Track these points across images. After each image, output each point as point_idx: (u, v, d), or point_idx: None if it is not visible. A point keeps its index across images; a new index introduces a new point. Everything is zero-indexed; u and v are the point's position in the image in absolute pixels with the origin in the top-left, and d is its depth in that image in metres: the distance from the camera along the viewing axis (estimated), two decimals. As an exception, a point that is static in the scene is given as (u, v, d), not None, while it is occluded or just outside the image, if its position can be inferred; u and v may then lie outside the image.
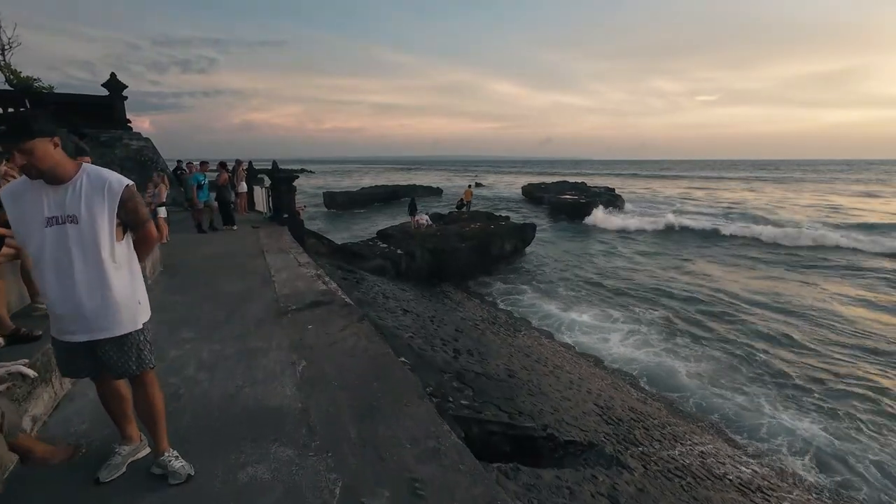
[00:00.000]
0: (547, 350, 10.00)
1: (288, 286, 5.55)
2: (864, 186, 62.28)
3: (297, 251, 7.93)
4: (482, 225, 19.98)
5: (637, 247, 22.93)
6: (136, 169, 14.17)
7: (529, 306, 14.42)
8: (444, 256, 16.04)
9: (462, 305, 12.43)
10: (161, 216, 8.64)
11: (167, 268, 6.57)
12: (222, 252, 7.86)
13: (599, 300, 15.18)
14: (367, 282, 10.88)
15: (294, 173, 11.34)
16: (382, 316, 7.87)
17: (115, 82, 13.60)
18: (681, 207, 38.06)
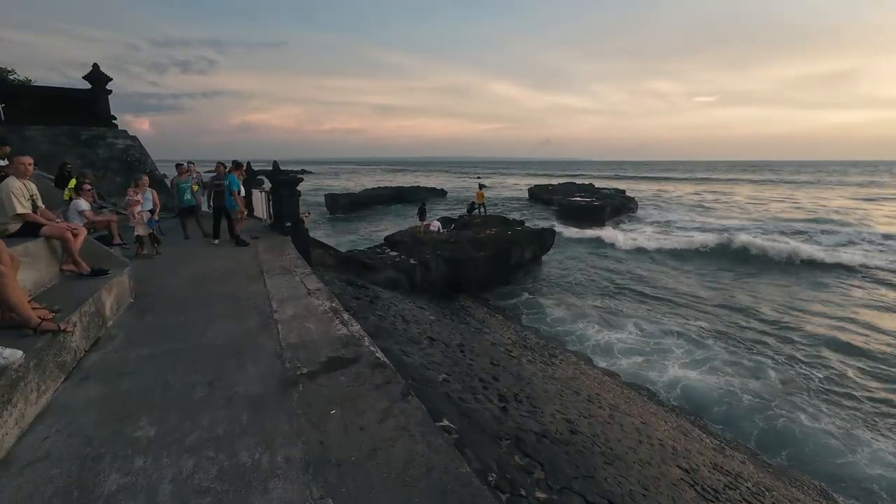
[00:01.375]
0: (592, 381, 8.62)
1: (296, 330, 4.14)
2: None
3: (304, 271, 6.52)
4: (497, 231, 18.58)
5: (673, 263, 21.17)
6: (122, 170, 12.77)
7: (557, 323, 13.07)
8: (461, 266, 14.65)
9: (487, 325, 11.03)
10: (154, 225, 7.34)
11: (139, 298, 5.16)
12: (212, 272, 6.46)
13: (635, 315, 13.80)
14: (381, 300, 9.48)
15: (298, 175, 9.94)
16: (408, 350, 6.46)
17: (97, 74, 12.21)
18: (711, 215, 35.64)
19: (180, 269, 6.63)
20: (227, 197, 8.46)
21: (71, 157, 11.99)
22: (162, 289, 5.58)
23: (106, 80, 12.37)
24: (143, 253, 7.32)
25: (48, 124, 11.74)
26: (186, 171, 9.43)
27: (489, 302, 14.34)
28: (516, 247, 16.49)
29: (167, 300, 5.12)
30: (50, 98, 11.85)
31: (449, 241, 17.31)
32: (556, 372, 8.53)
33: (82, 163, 12.16)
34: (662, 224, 30.93)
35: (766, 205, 42.75)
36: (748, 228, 27.21)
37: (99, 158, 12.39)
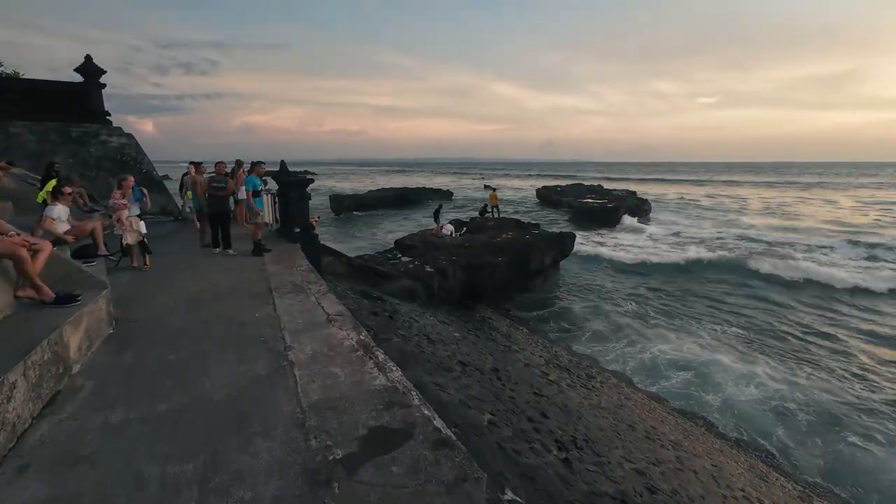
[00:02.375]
0: (641, 409, 7.61)
1: (319, 378, 3.16)
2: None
3: (320, 289, 5.53)
4: (514, 234, 17.58)
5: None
6: (117, 170, 11.81)
7: (587, 336, 12.07)
8: (479, 273, 13.64)
9: (514, 341, 10.03)
10: (143, 231, 6.35)
11: (121, 325, 4.19)
12: (212, 289, 5.47)
13: (670, 326, 12.79)
14: (401, 316, 8.48)
15: (308, 177, 8.97)
16: (441, 381, 5.47)
17: (90, 66, 11.27)
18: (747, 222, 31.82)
19: (174, 285, 5.65)
20: (255, 202, 7.63)
21: (61, 155, 11.05)
22: (150, 313, 4.60)
23: (99, 73, 11.43)
24: (131, 265, 6.34)
25: (36, 120, 10.81)
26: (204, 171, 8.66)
27: (510, 312, 13.35)
28: (536, 252, 15.46)
29: (155, 329, 4.13)
30: (38, 92, 10.91)
31: (463, 246, 16.32)
32: (601, 399, 7.53)
33: (73, 162, 11.23)
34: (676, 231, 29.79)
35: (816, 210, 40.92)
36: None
37: (91, 157, 11.45)
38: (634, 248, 22.56)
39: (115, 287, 5.43)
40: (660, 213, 36.31)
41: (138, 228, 6.28)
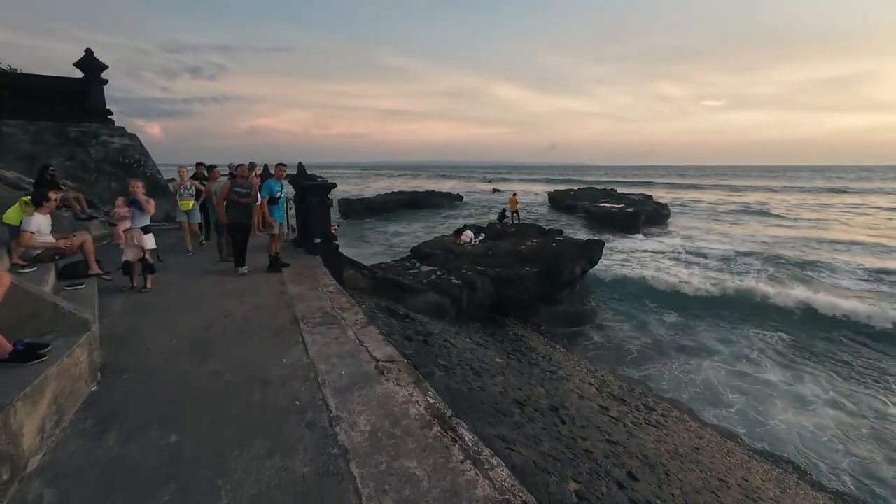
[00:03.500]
0: (721, 454, 6.53)
1: (391, 488, 2.11)
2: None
3: (356, 318, 4.50)
4: (538, 242, 16.52)
5: None
6: (118, 174, 10.90)
7: (627, 355, 10.97)
8: (509, 286, 12.58)
9: (557, 365, 8.94)
10: (150, 247, 5.36)
11: (107, 377, 3.17)
12: (223, 320, 4.45)
13: (721, 340, 11.67)
14: (435, 339, 7.43)
15: (329, 181, 7.96)
16: (507, 435, 4.41)
17: (90, 61, 10.37)
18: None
19: (177, 313, 4.63)
20: (272, 210, 6.60)
21: (57, 157, 10.14)
22: (146, 358, 3.57)
23: (100, 69, 10.52)
24: (130, 286, 5.34)
25: (31, 119, 9.90)
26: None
27: (542, 328, 12.26)
28: (566, 261, 14.36)
29: (151, 388, 3.10)
30: (33, 89, 10.01)
31: (486, 255, 15.29)
32: (674, 439, 6.44)
33: (71, 164, 10.31)
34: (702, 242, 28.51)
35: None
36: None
37: (91, 159, 10.52)
38: (658, 260, 21.39)
39: (106, 315, 4.45)
40: (678, 218, 35.06)
41: (140, 243, 5.27)
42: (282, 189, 6.75)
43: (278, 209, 6.65)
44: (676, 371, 10.28)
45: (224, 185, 6.08)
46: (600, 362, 10.36)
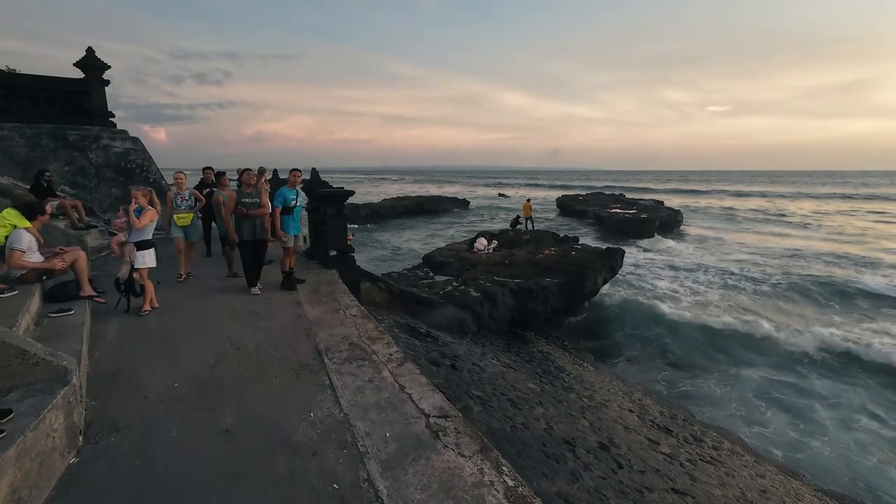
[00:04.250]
0: (790, 496, 5.75)
1: None
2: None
3: (390, 352, 3.82)
4: (556, 250, 15.82)
5: None
6: (120, 180, 10.30)
7: (658, 373, 10.25)
8: (530, 298, 11.88)
9: (590, 387, 8.21)
10: (142, 266, 4.64)
11: (93, 435, 2.51)
12: (233, 353, 3.79)
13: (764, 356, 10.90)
14: (462, 363, 6.74)
15: (345, 189, 7.32)
16: (567, 492, 3.71)
17: (91, 60, 9.80)
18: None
19: (178, 344, 3.96)
20: (286, 221, 5.88)
21: (55, 162, 9.57)
22: (142, 412, 2.90)
23: (102, 69, 9.96)
24: (127, 308, 4.68)
25: (28, 121, 9.34)
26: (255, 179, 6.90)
27: (565, 343, 11.53)
28: (590, 272, 13.65)
29: (145, 459, 2.42)
30: (30, 89, 9.44)
31: (503, 264, 14.62)
32: (736, 479, 5.72)
33: (70, 170, 9.72)
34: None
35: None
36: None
37: (91, 164, 9.93)
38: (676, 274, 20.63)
39: (98, 347, 3.79)
40: (693, 224, 34.26)
41: (132, 260, 4.61)
42: (297, 197, 6.09)
43: (293, 220, 5.98)
44: (712, 385, 9.58)
45: (230, 196, 5.41)
46: (630, 380, 9.64)
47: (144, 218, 4.52)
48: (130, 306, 4.64)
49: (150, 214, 4.55)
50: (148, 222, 4.55)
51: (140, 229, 4.61)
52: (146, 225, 4.53)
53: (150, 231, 4.76)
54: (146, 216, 4.54)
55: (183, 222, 6.26)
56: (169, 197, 6.43)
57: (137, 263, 4.53)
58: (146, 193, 4.63)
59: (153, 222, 4.63)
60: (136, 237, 4.60)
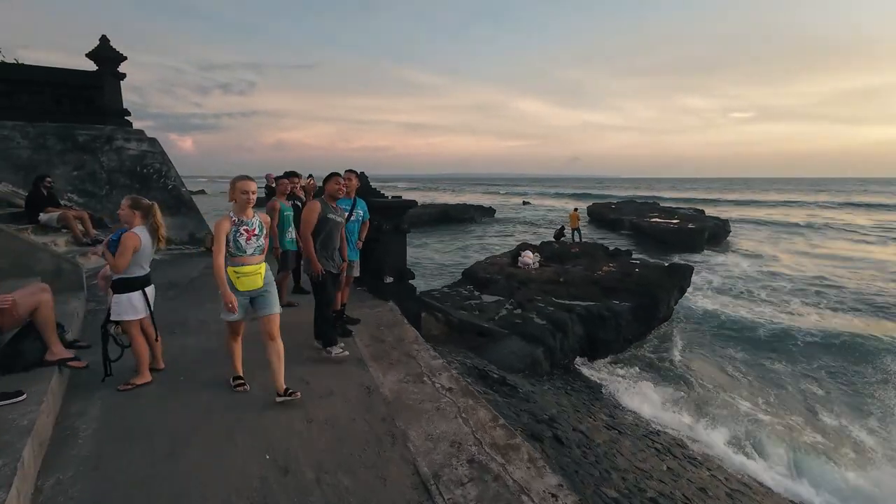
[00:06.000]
0: None
1: None
2: None
3: (548, 488, 2.17)
4: (616, 266, 14.00)
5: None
6: (135, 187, 9.00)
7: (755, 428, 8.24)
8: (602, 325, 10.11)
9: (696, 462, 6.37)
10: (118, 318, 3.03)
11: None
12: (277, 488, 2.19)
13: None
14: (565, 428, 5.04)
15: (404, 199, 5.78)
16: None
17: (105, 51, 8.57)
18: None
19: (190, 462, 2.39)
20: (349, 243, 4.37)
21: (62, 166, 8.31)
22: None
23: (117, 60, 8.71)
24: (106, 374, 3.14)
25: (31, 119, 8.12)
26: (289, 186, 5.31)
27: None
28: (662, 292, 11.81)
29: None
30: (35, 83, 8.23)
31: (557, 281, 12.90)
32: None
33: (78, 175, 8.47)
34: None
35: None
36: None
37: (103, 169, 8.66)
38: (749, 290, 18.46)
39: (55, 469, 2.24)
40: (741, 237, 31.71)
41: (111, 303, 3.05)
42: (353, 209, 4.53)
43: (350, 240, 4.43)
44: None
45: (312, 208, 3.68)
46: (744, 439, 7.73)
47: (122, 256, 2.89)
48: (113, 371, 3.10)
49: (131, 241, 3.01)
50: (126, 257, 2.91)
51: (142, 255, 3.08)
52: (124, 257, 2.92)
53: (137, 263, 3.06)
54: (125, 245, 2.90)
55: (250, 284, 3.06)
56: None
57: (114, 313, 3.00)
58: (137, 204, 3.10)
59: (140, 251, 3.01)
60: (135, 271, 3.07)
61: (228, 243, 2.83)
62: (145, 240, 3.00)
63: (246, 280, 2.89)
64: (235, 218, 2.87)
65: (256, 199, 3.09)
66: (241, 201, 2.88)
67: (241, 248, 2.86)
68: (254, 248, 2.90)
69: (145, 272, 3.08)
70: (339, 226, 3.84)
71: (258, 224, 2.95)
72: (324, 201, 3.74)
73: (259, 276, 2.94)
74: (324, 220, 3.63)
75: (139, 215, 3.04)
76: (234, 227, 2.84)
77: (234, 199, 2.89)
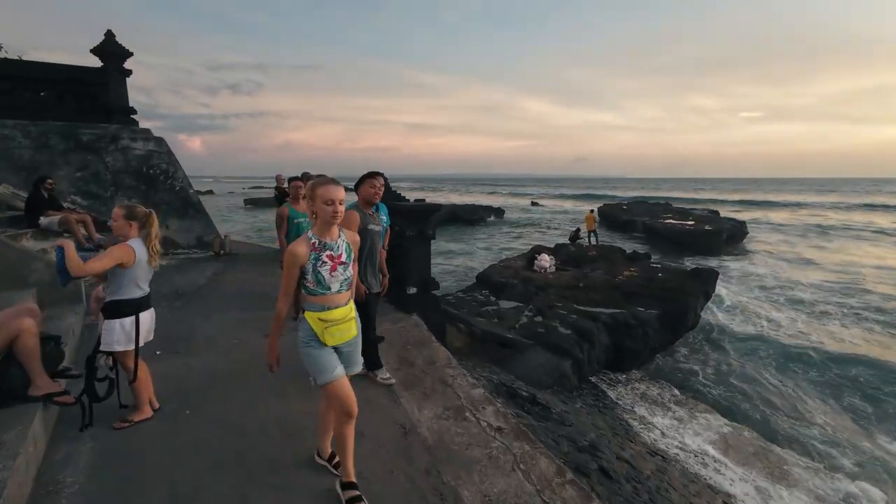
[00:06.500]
0: None
1: None
2: None
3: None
4: (637, 270, 13.44)
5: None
6: (141, 188, 8.63)
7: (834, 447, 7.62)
8: (628, 335, 9.58)
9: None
10: (108, 348, 2.56)
11: None
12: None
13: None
14: (608, 458, 4.55)
15: (428, 202, 5.33)
16: None
17: (110, 45, 8.20)
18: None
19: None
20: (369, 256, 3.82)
21: (65, 166, 7.95)
22: None
23: (124, 56, 8.34)
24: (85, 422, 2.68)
25: (33, 118, 7.76)
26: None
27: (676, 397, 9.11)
28: (690, 299, 11.24)
29: None
30: (38, 80, 7.88)
31: (576, 286, 12.39)
32: None
33: (81, 176, 8.10)
34: None
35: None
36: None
37: (108, 170, 8.29)
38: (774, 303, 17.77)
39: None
40: (759, 239, 30.87)
41: (101, 331, 2.57)
42: (375, 213, 4.07)
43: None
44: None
45: (352, 219, 3.06)
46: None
47: (104, 256, 2.41)
48: (93, 421, 2.61)
49: (119, 252, 2.50)
50: (103, 263, 2.38)
51: (115, 277, 2.50)
52: (101, 262, 2.38)
53: (133, 281, 2.55)
54: (111, 254, 2.42)
55: (342, 336, 2.14)
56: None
57: (103, 342, 2.50)
58: (133, 213, 2.62)
59: (134, 267, 2.49)
60: (113, 290, 2.54)
61: (305, 277, 1.95)
62: (141, 254, 2.54)
63: (337, 331, 2.00)
64: (316, 240, 1.96)
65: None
66: (324, 215, 1.95)
67: (325, 282, 1.95)
68: (340, 281, 2.00)
69: (144, 293, 2.62)
70: (380, 236, 3.39)
71: (345, 247, 2.05)
72: (360, 209, 3.27)
73: (353, 323, 2.10)
74: (363, 233, 3.16)
75: (136, 226, 2.58)
76: (313, 253, 1.94)
77: (315, 213, 1.97)
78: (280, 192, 8.57)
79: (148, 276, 2.64)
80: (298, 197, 4.64)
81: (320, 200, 1.94)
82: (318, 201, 1.94)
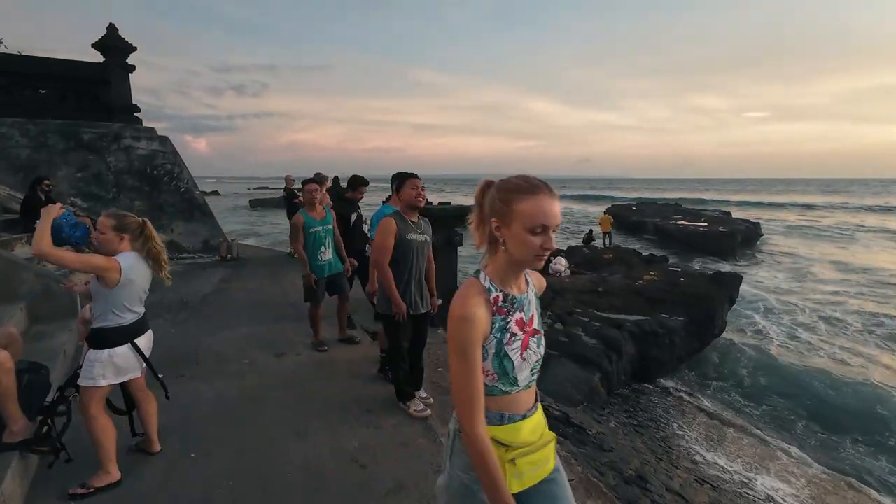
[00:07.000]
0: None
1: None
2: None
3: None
4: (658, 275, 12.93)
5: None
6: (144, 189, 8.24)
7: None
8: (654, 343, 9.10)
9: None
10: (89, 383, 2.11)
11: None
12: None
13: None
14: (659, 494, 4.10)
15: (462, 205, 4.90)
16: None
17: (112, 40, 7.81)
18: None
19: None
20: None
21: (65, 167, 7.57)
22: None
23: (127, 51, 7.96)
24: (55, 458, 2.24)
25: (32, 116, 7.39)
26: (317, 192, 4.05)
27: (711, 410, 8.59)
28: (716, 305, 10.73)
29: None
30: (37, 76, 7.51)
31: (595, 291, 11.88)
32: None
33: (82, 177, 7.72)
34: None
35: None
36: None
37: (110, 170, 7.90)
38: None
39: None
40: (774, 242, 30.11)
41: (83, 359, 2.09)
42: (418, 221, 3.61)
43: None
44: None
45: (387, 227, 2.73)
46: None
47: (85, 261, 1.98)
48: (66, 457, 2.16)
49: (97, 261, 1.99)
50: (77, 264, 1.98)
51: (99, 294, 2.05)
52: (81, 262, 1.97)
53: (121, 303, 2.09)
54: (94, 263, 1.97)
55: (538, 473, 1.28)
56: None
57: (83, 375, 2.02)
58: (123, 225, 2.17)
59: (128, 286, 2.05)
60: (97, 315, 2.06)
61: (487, 372, 1.01)
62: (131, 273, 2.07)
63: (530, 462, 1.05)
64: (499, 292, 1.04)
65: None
66: (522, 252, 0.99)
67: (511, 372, 1.03)
68: (532, 365, 1.08)
69: (137, 315, 2.17)
70: (426, 247, 2.93)
71: (536, 302, 1.15)
72: (399, 216, 2.82)
73: (551, 448, 1.13)
74: (403, 243, 2.72)
75: (127, 239, 2.13)
76: (498, 317, 1.02)
77: (492, 254, 1.07)
78: (289, 194, 8.16)
79: (142, 297, 2.20)
80: (314, 202, 4.05)
81: (522, 224, 0.97)
82: (518, 225, 0.97)
